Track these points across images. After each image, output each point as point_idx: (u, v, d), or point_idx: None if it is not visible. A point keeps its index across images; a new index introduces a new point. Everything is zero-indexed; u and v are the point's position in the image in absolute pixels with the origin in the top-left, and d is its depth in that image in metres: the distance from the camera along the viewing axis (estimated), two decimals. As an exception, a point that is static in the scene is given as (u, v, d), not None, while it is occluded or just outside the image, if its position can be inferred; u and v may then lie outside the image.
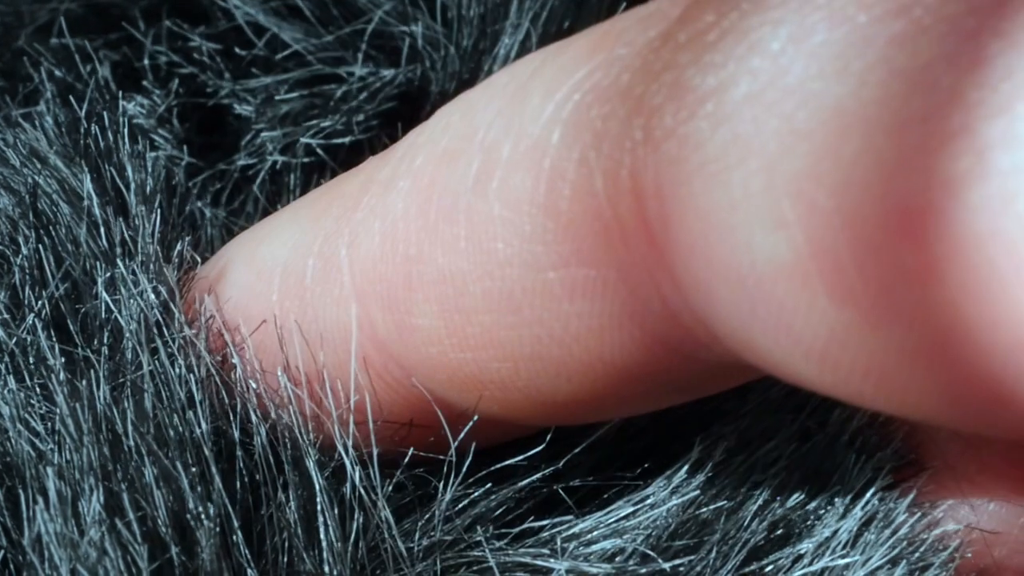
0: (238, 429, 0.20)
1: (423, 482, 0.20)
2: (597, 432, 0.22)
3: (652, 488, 0.21)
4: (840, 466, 0.22)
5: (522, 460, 0.21)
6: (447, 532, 0.20)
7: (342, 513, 0.19)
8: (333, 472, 0.20)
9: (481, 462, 0.21)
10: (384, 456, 0.20)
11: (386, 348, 0.20)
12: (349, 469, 0.19)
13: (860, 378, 0.15)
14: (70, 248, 0.21)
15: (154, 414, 0.19)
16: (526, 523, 0.21)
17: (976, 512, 0.22)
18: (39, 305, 0.20)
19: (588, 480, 0.21)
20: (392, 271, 0.19)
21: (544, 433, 0.21)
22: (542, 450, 0.21)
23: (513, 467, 0.21)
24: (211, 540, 0.18)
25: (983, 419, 0.15)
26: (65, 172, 0.21)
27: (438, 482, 0.20)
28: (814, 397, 0.22)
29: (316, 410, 0.20)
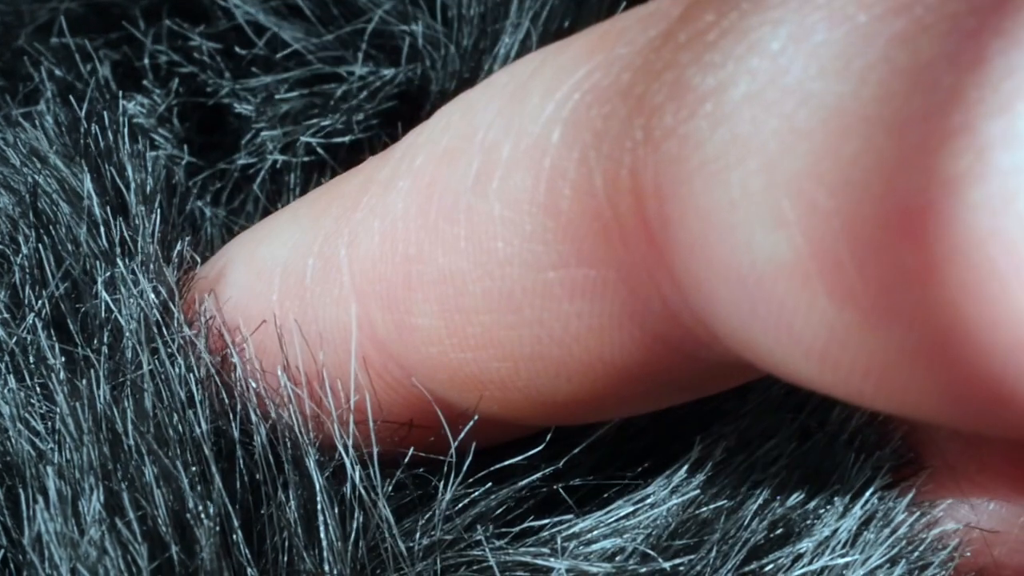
0: (238, 429, 0.20)
1: (423, 482, 0.20)
2: (597, 432, 0.22)
3: (652, 487, 0.21)
4: (840, 465, 0.22)
5: (522, 460, 0.21)
6: (447, 531, 0.20)
7: (342, 512, 0.19)
8: (333, 472, 0.20)
9: (481, 462, 0.20)
10: (384, 456, 0.20)
11: (386, 348, 0.20)
12: (349, 469, 0.19)
13: (860, 378, 0.15)
14: (70, 247, 0.21)
15: (154, 413, 0.19)
16: (526, 522, 0.21)
17: (975, 511, 0.22)
18: (39, 304, 0.20)
19: (588, 480, 0.21)
20: (392, 271, 0.19)
21: (544, 433, 0.21)
22: (542, 450, 0.21)
23: (513, 467, 0.21)
24: (211, 539, 0.18)
25: (983, 419, 0.15)
26: (65, 171, 0.21)
27: (438, 481, 0.20)
28: (814, 396, 0.22)
29: (316, 410, 0.20)
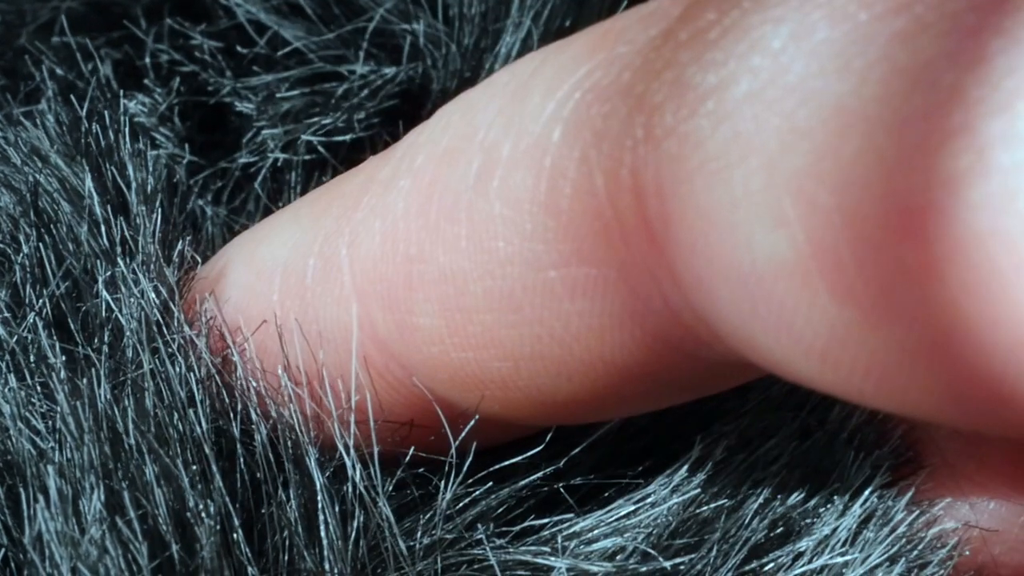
0: (239, 428, 0.20)
1: (424, 481, 0.20)
2: (597, 431, 0.22)
3: (653, 487, 0.21)
4: (839, 464, 0.22)
5: (522, 459, 0.21)
6: (448, 531, 0.20)
7: (343, 512, 0.19)
8: (334, 471, 0.20)
9: (482, 461, 0.20)
10: (385, 455, 0.20)
11: (387, 347, 0.20)
12: (350, 468, 0.19)
13: (860, 376, 0.15)
14: (71, 247, 0.21)
15: (155, 413, 0.19)
16: (527, 522, 0.21)
17: (974, 510, 0.22)
18: (40, 303, 0.20)
19: (589, 479, 0.21)
20: (393, 270, 0.19)
21: (544, 433, 0.21)
22: (542, 450, 0.21)
23: (514, 466, 0.21)
24: (212, 538, 0.18)
25: (983, 418, 0.15)
26: (66, 171, 0.21)
27: (439, 481, 0.20)
28: (814, 395, 0.22)
29: (317, 409, 0.20)
